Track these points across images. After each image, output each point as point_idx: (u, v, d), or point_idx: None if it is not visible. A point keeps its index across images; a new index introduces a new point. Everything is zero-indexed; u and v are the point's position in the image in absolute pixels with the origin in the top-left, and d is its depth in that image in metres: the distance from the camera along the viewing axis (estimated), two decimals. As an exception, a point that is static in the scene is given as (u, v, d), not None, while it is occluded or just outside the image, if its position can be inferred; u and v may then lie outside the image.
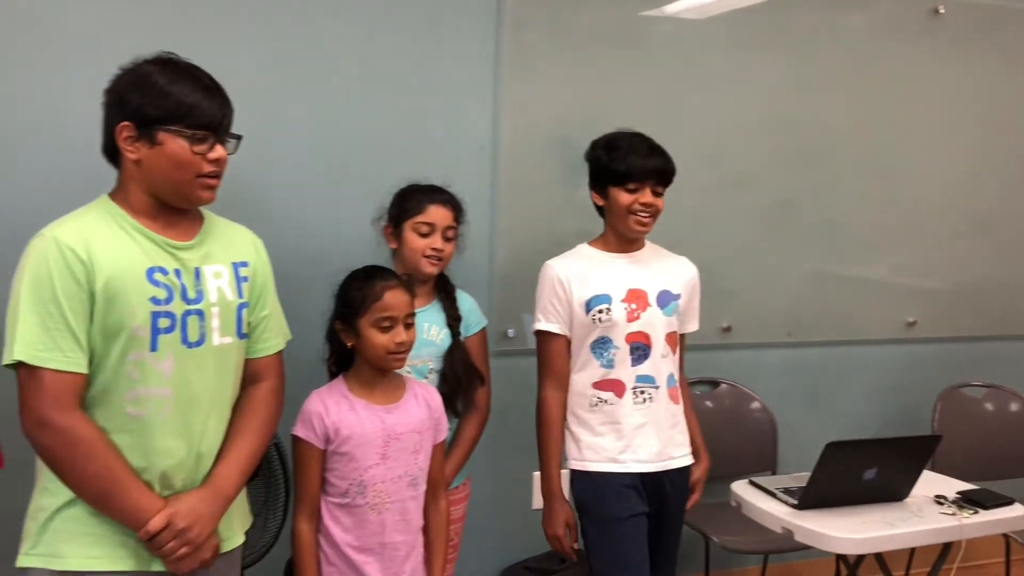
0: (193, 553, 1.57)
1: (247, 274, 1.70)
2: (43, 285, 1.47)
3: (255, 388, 1.73)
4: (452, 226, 2.16)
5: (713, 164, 3.08)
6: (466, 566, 2.82)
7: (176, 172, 1.55)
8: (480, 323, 2.28)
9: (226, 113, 1.60)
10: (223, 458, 1.65)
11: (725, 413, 3.10)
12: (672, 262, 2.27)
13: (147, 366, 1.54)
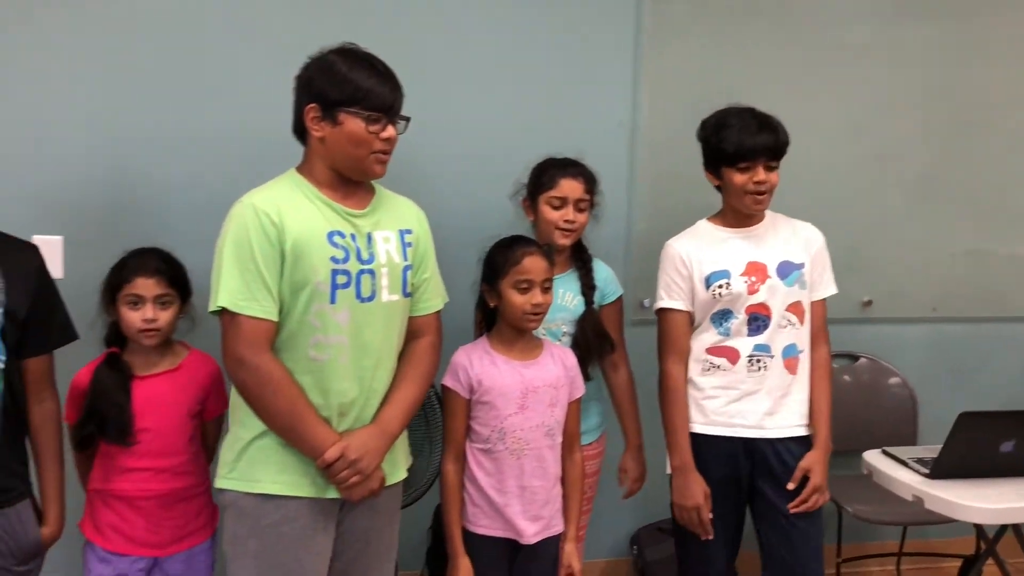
0: (363, 482, 1.78)
1: (411, 240, 1.90)
2: (243, 245, 1.71)
3: (417, 342, 1.93)
4: (584, 198, 2.26)
5: (857, 136, 3.08)
6: (602, 524, 2.97)
7: (354, 148, 1.76)
8: (616, 292, 2.38)
9: (397, 97, 1.79)
10: (389, 401, 1.85)
11: (863, 387, 3.10)
12: (795, 230, 2.27)
13: (327, 317, 1.75)
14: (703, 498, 2.18)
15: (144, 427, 2.00)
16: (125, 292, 2.01)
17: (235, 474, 1.80)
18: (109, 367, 2.01)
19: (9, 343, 1.74)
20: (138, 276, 2.00)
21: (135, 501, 2.02)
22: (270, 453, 1.78)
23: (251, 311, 1.70)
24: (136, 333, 2.01)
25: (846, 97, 3.05)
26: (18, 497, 1.80)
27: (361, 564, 1.91)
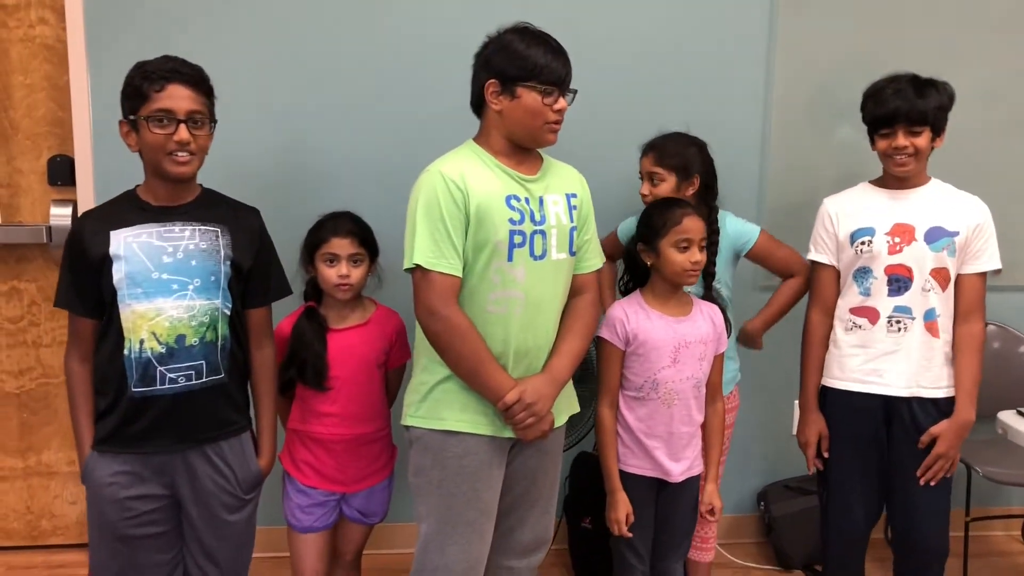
0: (536, 424, 1.97)
1: (576, 203, 2.07)
2: (433, 208, 1.90)
3: (580, 298, 2.11)
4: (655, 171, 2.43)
5: (995, 103, 3.10)
6: (730, 482, 3.10)
7: (530, 119, 1.95)
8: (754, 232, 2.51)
9: (568, 71, 1.97)
10: (557, 352, 2.03)
11: (992, 354, 3.12)
12: (956, 200, 2.32)
13: (505, 273, 1.94)
14: (814, 436, 2.35)
15: (336, 375, 2.23)
16: (323, 251, 2.24)
17: (421, 412, 2.01)
18: (308, 319, 2.25)
19: (234, 293, 1.99)
20: (334, 236, 2.23)
21: (327, 443, 2.26)
22: (453, 395, 1.98)
23: (441, 268, 1.90)
24: (332, 288, 2.24)
25: (983, 64, 3.08)
26: (241, 430, 2.05)
27: (528, 500, 2.11)
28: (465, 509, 1.98)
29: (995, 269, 2.32)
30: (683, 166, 2.41)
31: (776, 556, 3.11)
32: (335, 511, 2.31)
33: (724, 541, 3.20)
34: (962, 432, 2.26)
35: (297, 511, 2.29)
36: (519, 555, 2.15)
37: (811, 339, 2.40)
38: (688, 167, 2.42)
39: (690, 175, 2.42)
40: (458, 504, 1.97)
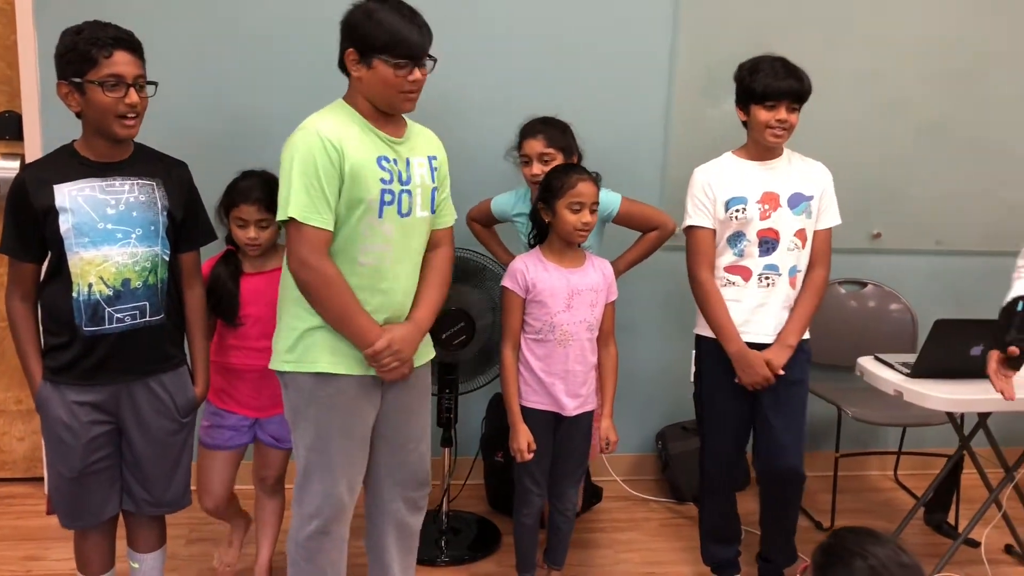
0: (400, 367, 2.18)
1: (436, 165, 2.25)
2: (309, 166, 2.01)
3: (437, 252, 2.29)
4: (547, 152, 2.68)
5: (874, 83, 3.43)
6: (631, 424, 3.44)
7: (385, 89, 2.08)
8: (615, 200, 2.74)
9: (424, 43, 2.05)
10: (419, 303, 2.23)
11: (868, 311, 3.49)
12: (808, 167, 2.64)
13: (376, 229, 2.12)
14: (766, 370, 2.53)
15: (248, 313, 2.46)
16: (233, 215, 2.47)
17: (293, 357, 2.15)
18: (224, 263, 2.49)
19: (171, 240, 2.21)
20: (244, 203, 2.44)
21: (241, 372, 2.49)
22: (323, 340, 2.12)
23: (314, 222, 2.02)
24: (243, 246, 2.48)
25: (863, 46, 3.40)
26: (179, 363, 2.28)
27: (407, 437, 2.33)
28: (341, 441, 2.18)
29: (837, 224, 2.67)
30: (567, 146, 2.70)
31: (671, 490, 3.45)
32: (247, 435, 2.56)
33: (627, 478, 3.54)
34: (785, 351, 2.55)
35: (211, 430, 2.55)
36: (406, 488, 2.36)
37: (713, 294, 2.61)
38: (571, 146, 2.72)
39: (572, 153, 2.71)
40: (335, 437, 2.18)
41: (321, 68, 2.27)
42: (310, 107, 2.14)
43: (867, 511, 3.39)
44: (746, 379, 2.58)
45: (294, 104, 2.30)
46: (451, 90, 2.94)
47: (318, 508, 2.19)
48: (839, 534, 1.62)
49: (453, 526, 3.08)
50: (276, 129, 3.01)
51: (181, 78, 2.97)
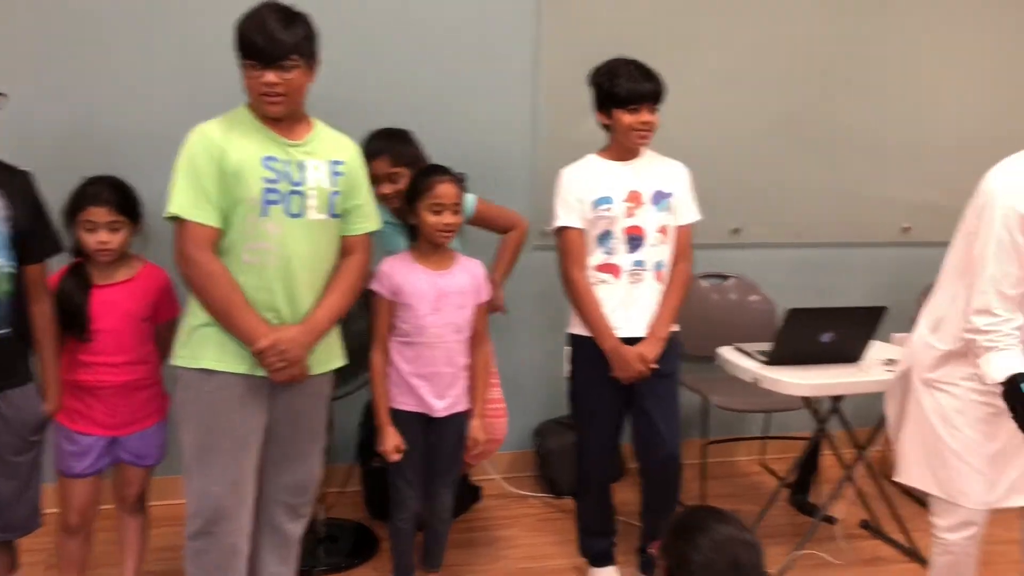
0: (287, 368, 2.16)
1: (342, 170, 2.24)
2: (192, 163, 2.07)
3: (346, 259, 2.29)
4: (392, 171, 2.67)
5: (733, 83, 3.57)
6: (512, 421, 3.44)
7: (249, 91, 2.13)
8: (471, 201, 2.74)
9: (276, 47, 2.03)
10: (319, 305, 2.22)
11: (731, 303, 3.63)
12: (666, 165, 2.72)
13: (259, 227, 2.12)
14: (641, 363, 2.58)
15: (100, 327, 2.35)
16: (81, 218, 2.35)
17: (184, 353, 2.17)
18: (72, 275, 2.37)
19: (15, 252, 2.11)
20: (92, 205, 2.33)
21: (94, 390, 2.37)
22: (212, 337, 2.14)
23: (196, 217, 2.07)
24: (92, 252, 2.36)
25: (723, 47, 3.54)
26: (27, 379, 2.18)
27: (295, 442, 2.31)
28: (221, 439, 2.17)
29: (697, 220, 2.75)
30: (415, 158, 2.69)
31: (550, 485, 3.50)
32: (106, 456, 2.44)
33: (506, 475, 3.57)
34: (658, 343, 2.62)
35: (67, 458, 2.41)
36: (289, 494, 2.34)
37: (586, 292, 2.65)
38: (418, 156, 2.71)
39: (420, 162, 2.70)
40: (215, 434, 2.16)
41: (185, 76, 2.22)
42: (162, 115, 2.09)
43: (735, 495, 3.52)
44: (622, 374, 2.63)
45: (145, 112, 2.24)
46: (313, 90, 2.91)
47: (197, 507, 2.18)
48: (687, 512, 1.68)
49: (331, 534, 3.04)
50: (124, 139, 2.98)
51: (24, 85, 2.83)
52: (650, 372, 2.62)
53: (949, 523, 2.28)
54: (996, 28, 3.77)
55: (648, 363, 2.61)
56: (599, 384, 2.68)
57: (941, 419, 2.25)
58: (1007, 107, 3.81)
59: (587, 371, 2.71)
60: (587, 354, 2.68)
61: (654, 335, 2.65)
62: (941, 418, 2.25)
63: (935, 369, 2.27)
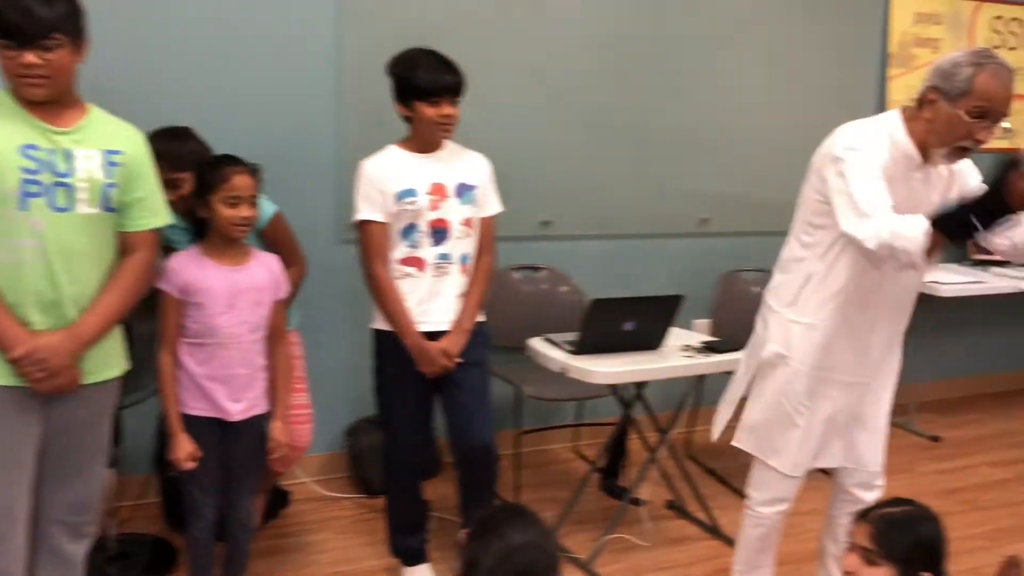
0: (50, 379, 1.98)
1: (120, 160, 2.06)
2: None
3: (127, 257, 2.12)
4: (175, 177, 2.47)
5: (539, 80, 3.60)
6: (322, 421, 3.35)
7: (6, 75, 1.93)
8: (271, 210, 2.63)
9: (31, 24, 1.87)
10: (90, 308, 2.04)
11: (542, 294, 3.67)
12: (469, 158, 2.70)
13: (19, 223, 1.93)
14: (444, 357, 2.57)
15: None
16: None
17: None
18: None
19: None
20: None
21: None
22: None
23: None
24: None
25: (532, 43, 3.56)
26: None
27: (73, 456, 2.12)
28: None
29: (500, 212, 2.74)
30: (197, 159, 2.50)
31: (363, 485, 3.42)
32: None
33: (317, 477, 3.46)
34: (462, 336, 2.61)
35: None
36: (67, 511, 2.16)
37: (388, 289, 2.58)
38: (201, 157, 2.53)
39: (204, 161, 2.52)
40: None
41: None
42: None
43: (550, 483, 3.57)
44: (426, 369, 2.60)
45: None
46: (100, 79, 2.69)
47: None
48: (491, 512, 1.66)
49: (124, 550, 2.83)
50: None
51: None
52: (455, 365, 2.60)
53: (764, 497, 2.42)
54: (789, 28, 4.00)
55: (452, 357, 2.59)
56: (405, 379, 2.63)
57: (787, 392, 2.32)
58: (799, 103, 4.05)
59: (392, 367, 2.66)
60: (391, 350, 2.62)
61: (458, 328, 2.63)
62: (787, 391, 2.32)
63: (787, 342, 2.33)
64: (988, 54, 2.09)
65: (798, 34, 4.01)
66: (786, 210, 4.06)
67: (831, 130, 2.24)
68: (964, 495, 3.56)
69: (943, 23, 4.32)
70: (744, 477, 2.37)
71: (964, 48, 2.13)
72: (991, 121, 2.07)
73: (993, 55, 2.09)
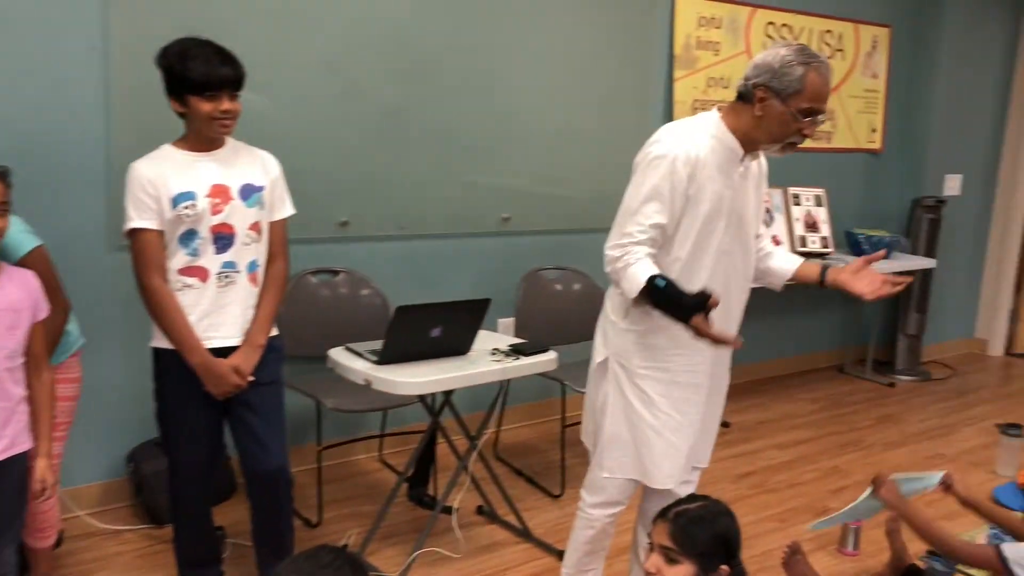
0: None
1: None
2: None
3: None
4: None
5: (332, 74, 3.41)
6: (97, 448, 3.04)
7: None
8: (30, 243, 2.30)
9: None
10: None
11: (342, 299, 3.50)
12: (255, 157, 2.49)
13: None
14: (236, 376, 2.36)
15: None
16: None
17: None
18: None
19: None
20: None
21: None
22: None
23: None
24: None
25: (323, 37, 3.36)
26: None
27: None
28: None
29: (292, 214, 2.56)
30: None
31: (149, 514, 3.11)
32: None
33: (94, 510, 3.12)
34: (254, 352, 2.42)
35: None
36: None
37: (167, 302, 2.34)
38: None
39: None
40: None
41: None
42: None
43: (355, 497, 3.41)
44: (216, 390, 2.39)
45: None
46: None
47: None
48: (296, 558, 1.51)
49: None
50: None
51: None
52: (247, 384, 2.40)
53: (598, 500, 2.40)
54: (581, 28, 4.01)
55: (244, 375, 2.39)
56: (190, 402, 2.41)
57: (644, 404, 2.29)
58: (594, 103, 4.08)
59: (175, 388, 2.43)
60: (173, 370, 2.39)
61: (250, 343, 2.43)
62: (644, 403, 2.29)
63: (634, 353, 2.30)
64: (812, 52, 2.15)
65: (590, 34, 4.05)
66: (586, 207, 4.22)
67: (625, 128, 2.27)
68: (754, 479, 3.74)
69: (723, 27, 4.52)
70: (552, 475, 2.35)
71: (786, 45, 2.15)
72: (816, 117, 2.15)
73: (816, 54, 2.15)
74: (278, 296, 2.51)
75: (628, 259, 2.15)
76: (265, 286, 2.49)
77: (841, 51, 5.08)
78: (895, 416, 4.69)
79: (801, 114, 2.12)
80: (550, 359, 2.88)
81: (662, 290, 2.09)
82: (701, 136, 2.20)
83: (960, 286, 5.86)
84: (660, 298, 2.11)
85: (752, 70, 2.17)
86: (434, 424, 3.04)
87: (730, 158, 2.22)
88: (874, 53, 5.24)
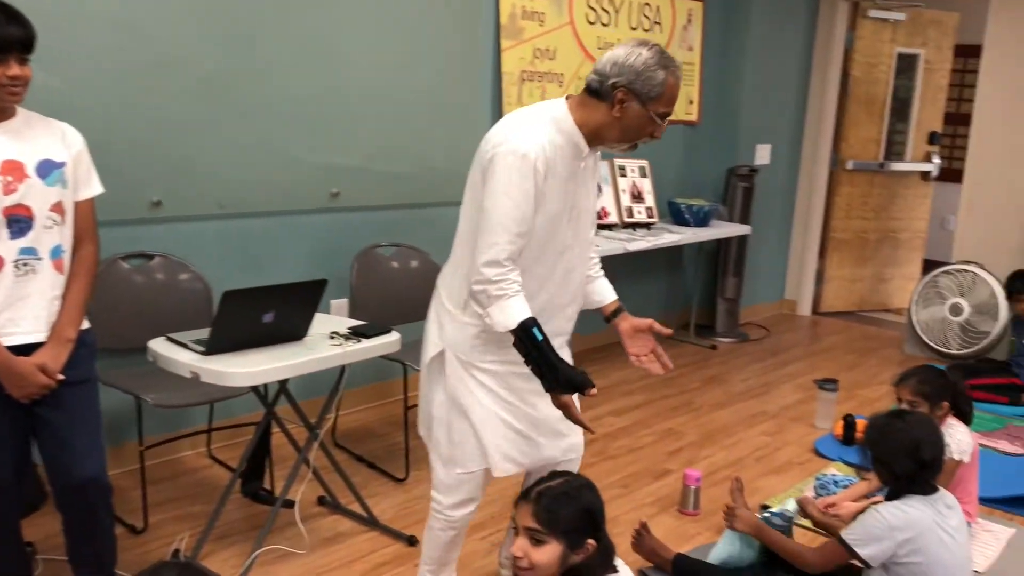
0: None
1: None
2: None
3: None
4: None
5: (140, 43, 3.12)
6: None
7: None
8: None
9: None
10: None
11: (158, 285, 3.22)
12: (53, 130, 2.23)
13: None
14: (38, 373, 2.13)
15: None
16: None
17: None
18: None
19: None
20: None
21: None
22: None
23: None
24: None
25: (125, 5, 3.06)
26: None
27: None
28: None
29: (100, 193, 2.33)
30: None
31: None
32: None
33: None
34: (64, 348, 2.20)
35: None
36: None
37: None
38: None
39: None
40: None
41: None
42: None
43: (184, 497, 3.18)
44: (19, 392, 2.14)
45: None
46: None
47: None
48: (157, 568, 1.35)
49: None
50: None
51: None
52: (56, 384, 2.16)
53: (454, 500, 2.32)
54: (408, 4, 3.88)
55: (53, 374, 2.15)
56: None
57: (487, 395, 2.22)
58: (423, 73, 3.95)
59: None
60: None
61: (58, 338, 2.19)
62: (487, 394, 2.22)
63: (474, 348, 2.20)
64: (668, 55, 2.12)
65: (418, 3, 3.91)
66: (419, 182, 4.10)
67: (456, 101, 2.17)
68: (596, 446, 3.78)
69: (547, -3, 4.50)
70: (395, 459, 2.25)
71: (644, 46, 2.10)
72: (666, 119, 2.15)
73: (671, 57, 2.13)
74: (88, 284, 2.27)
75: (505, 288, 2.06)
76: (72, 274, 2.24)
77: (659, 24, 5.19)
78: (719, 377, 4.90)
79: (659, 117, 2.12)
80: (393, 340, 2.77)
81: (537, 343, 2.07)
82: (551, 131, 2.12)
83: (771, 251, 6.20)
84: (531, 349, 2.07)
85: (611, 68, 2.10)
86: (269, 415, 2.87)
87: (575, 154, 2.16)
88: (689, 27, 5.41)
